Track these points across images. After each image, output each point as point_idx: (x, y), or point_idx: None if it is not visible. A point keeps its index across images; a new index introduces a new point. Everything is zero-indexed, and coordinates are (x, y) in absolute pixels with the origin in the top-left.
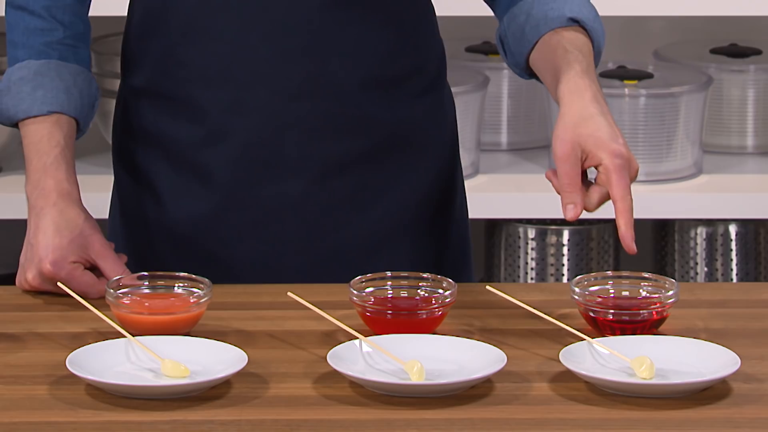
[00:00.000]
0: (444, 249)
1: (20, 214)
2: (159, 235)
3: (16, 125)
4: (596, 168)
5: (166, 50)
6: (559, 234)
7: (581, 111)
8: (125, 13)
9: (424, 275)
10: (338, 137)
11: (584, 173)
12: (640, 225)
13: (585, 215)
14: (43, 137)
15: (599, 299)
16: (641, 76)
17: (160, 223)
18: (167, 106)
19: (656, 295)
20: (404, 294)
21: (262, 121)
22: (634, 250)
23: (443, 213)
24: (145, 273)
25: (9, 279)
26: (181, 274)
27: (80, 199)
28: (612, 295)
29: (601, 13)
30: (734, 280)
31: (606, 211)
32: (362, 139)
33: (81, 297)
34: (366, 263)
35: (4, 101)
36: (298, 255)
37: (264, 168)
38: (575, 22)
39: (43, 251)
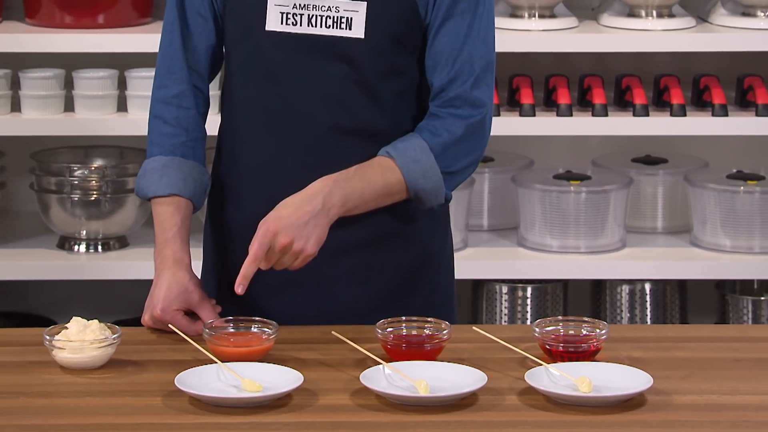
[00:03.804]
0: (430, 302)
1: (144, 275)
2: (220, 289)
3: (147, 200)
4: None
5: (232, 160)
6: (524, 290)
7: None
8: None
9: (429, 319)
10: (345, 227)
11: None
12: (581, 283)
13: (544, 276)
14: (167, 218)
15: (553, 336)
16: (583, 177)
17: (218, 279)
18: (233, 198)
19: (593, 333)
20: (414, 332)
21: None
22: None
23: (427, 279)
24: (231, 318)
25: (137, 321)
26: (256, 318)
27: (190, 264)
28: (562, 333)
29: (551, 133)
30: (648, 323)
31: (558, 273)
32: (365, 230)
33: (184, 334)
34: (369, 319)
35: (140, 183)
36: (312, 309)
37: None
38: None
39: (156, 301)
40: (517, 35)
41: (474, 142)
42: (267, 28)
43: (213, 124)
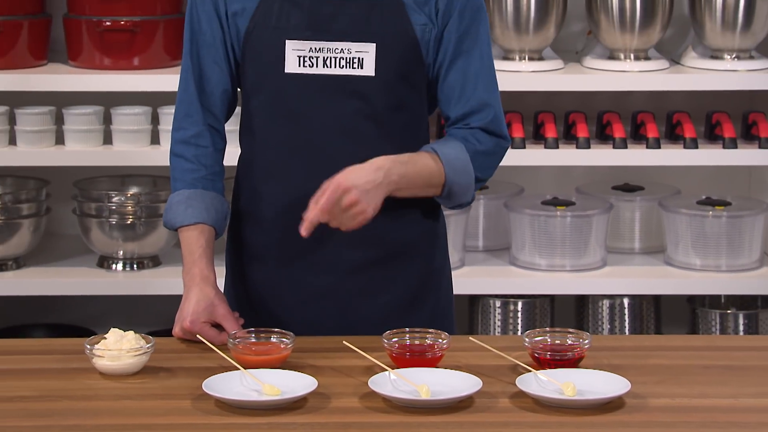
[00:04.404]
0: (433, 314)
1: (174, 291)
2: (241, 303)
3: (175, 230)
4: None
5: (253, 191)
6: (516, 304)
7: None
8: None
9: (430, 330)
10: (359, 248)
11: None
12: (566, 298)
13: (533, 292)
14: (193, 241)
15: (541, 345)
16: (568, 203)
17: (239, 294)
18: (255, 225)
19: (577, 343)
20: (417, 342)
21: (313, 238)
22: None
23: (430, 294)
24: (252, 329)
25: (169, 332)
26: (275, 329)
27: (215, 282)
28: (549, 342)
29: (539, 164)
30: (626, 334)
31: (546, 289)
32: (375, 249)
33: (211, 344)
34: (379, 330)
35: (167, 215)
36: (331, 322)
37: (308, 266)
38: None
39: (185, 314)
40: (509, 76)
41: (494, 159)
42: (286, 71)
43: (231, 156)
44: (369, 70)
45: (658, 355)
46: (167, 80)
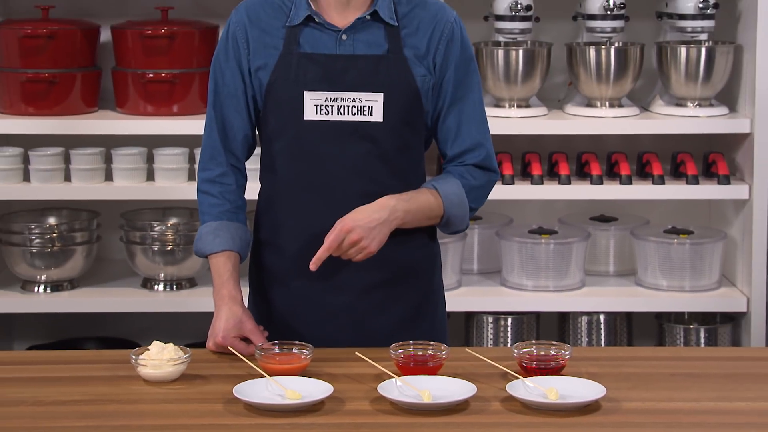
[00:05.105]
0: (431, 328)
1: (209, 309)
2: (263, 320)
3: (205, 257)
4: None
5: (275, 223)
6: (506, 320)
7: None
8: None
9: (431, 343)
10: (371, 271)
11: None
12: (550, 314)
13: (521, 309)
14: (221, 266)
15: (528, 355)
16: (551, 232)
17: (261, 312)
18: (276, 252)
19: (559, 354)
20: (420, 353)
21: (330, 263)
22: (312, 269)
23: (431, 310)
24: (276, 341)
25: (203, 345)
26: (296, 342)
27: (242, 300)
28: (535, 353)
29: (526, 198)
30: (602, 346)
31: (532, 307)
32: (384, 271)
33: (241, 355)
34: (388, 342)
35: (198, 244)
36: (346, 336)
37: (326, 288)
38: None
39: (217, 330)
40: (500, 120)
41: (486, 191)
42: (305, 118)
43: (251, 191)
44: (378, 116)
45: (630, 364)
46: (202, 125)
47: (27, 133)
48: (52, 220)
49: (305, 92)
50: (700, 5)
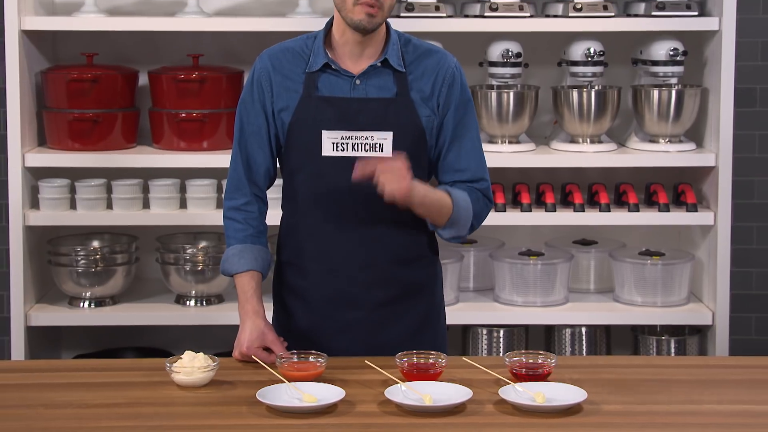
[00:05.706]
0: (434, 339)
1: (235, 322)
2: (284, 332)
3: (231, 276)
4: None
5: (297, 247)
6: (498, 332)
7: None
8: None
9: (432, 352)
10: (382, 289)
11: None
12: (537, 327)
13: (512, 322)
14: (245, 283)
15: (518, 363)
16: (539, 254)
17: (282, 325)
18: (298, 272)
19: (546, 362)
20: (422, 361)
21: (346, 282)
22: (355, 177)
23: (433, 323)
24: (295, 351)
25: (230, 354)
26: (313, 351)
27: (264, 314)
28: (524, 361)
29: (517, 224)
30: (584, 355)
31: (522, 321)
32: (393, 289)
33: (263, 363)
34: (393, 351)
35: (224, 265)
36: (360, 346)
37: (341, 304)
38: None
39: (242, 342)
40: (493, 155)
41: (484, 214)
42: (323, 154)
43: (273, 217)
44: (388, 152)
45: (608, 371)
46: (228, 159)
47: (73, 166)
48: (95, 244)
49: (323, 131)
50: (671, 53)
